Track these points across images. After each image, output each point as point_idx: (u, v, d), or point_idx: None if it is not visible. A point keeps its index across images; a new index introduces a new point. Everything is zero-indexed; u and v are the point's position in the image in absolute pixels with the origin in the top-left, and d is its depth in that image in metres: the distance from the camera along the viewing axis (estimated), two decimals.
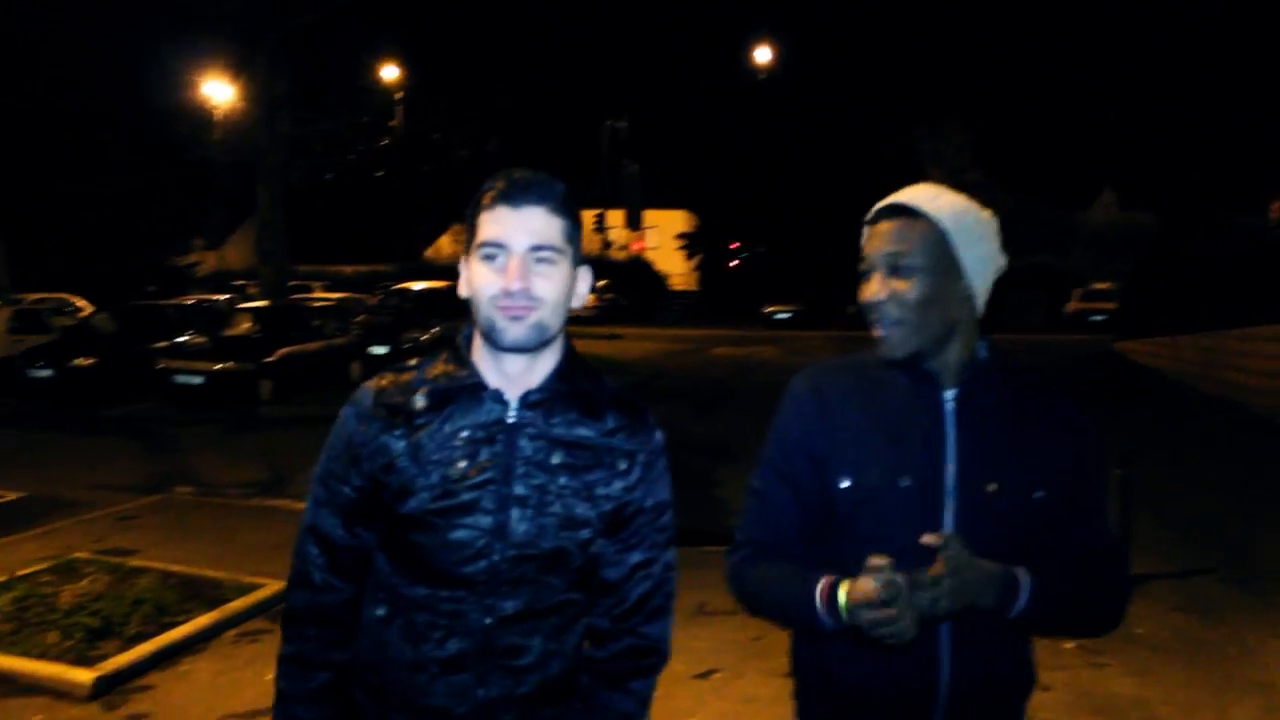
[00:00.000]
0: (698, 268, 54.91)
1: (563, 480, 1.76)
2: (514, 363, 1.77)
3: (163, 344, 16.86)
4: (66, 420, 14.27)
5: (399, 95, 28.83)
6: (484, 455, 1.74)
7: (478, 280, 1.73)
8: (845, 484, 1.80)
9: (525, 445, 1.76)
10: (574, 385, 1.82)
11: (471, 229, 1.76)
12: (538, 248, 1.71)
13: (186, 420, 14.04)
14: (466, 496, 1.72)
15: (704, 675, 5.19)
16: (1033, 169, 56.93)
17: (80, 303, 23.45)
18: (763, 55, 45.58)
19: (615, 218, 49.38)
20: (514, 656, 1.77)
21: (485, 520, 1.73)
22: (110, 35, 20.93)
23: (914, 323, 1.77)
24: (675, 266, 55.85)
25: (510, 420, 1.76)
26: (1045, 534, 1.81)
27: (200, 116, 25.15)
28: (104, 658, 5.18)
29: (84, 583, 6.19)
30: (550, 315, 1.74)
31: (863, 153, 48.93)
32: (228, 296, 26.33)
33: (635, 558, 1.85)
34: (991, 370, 1.85)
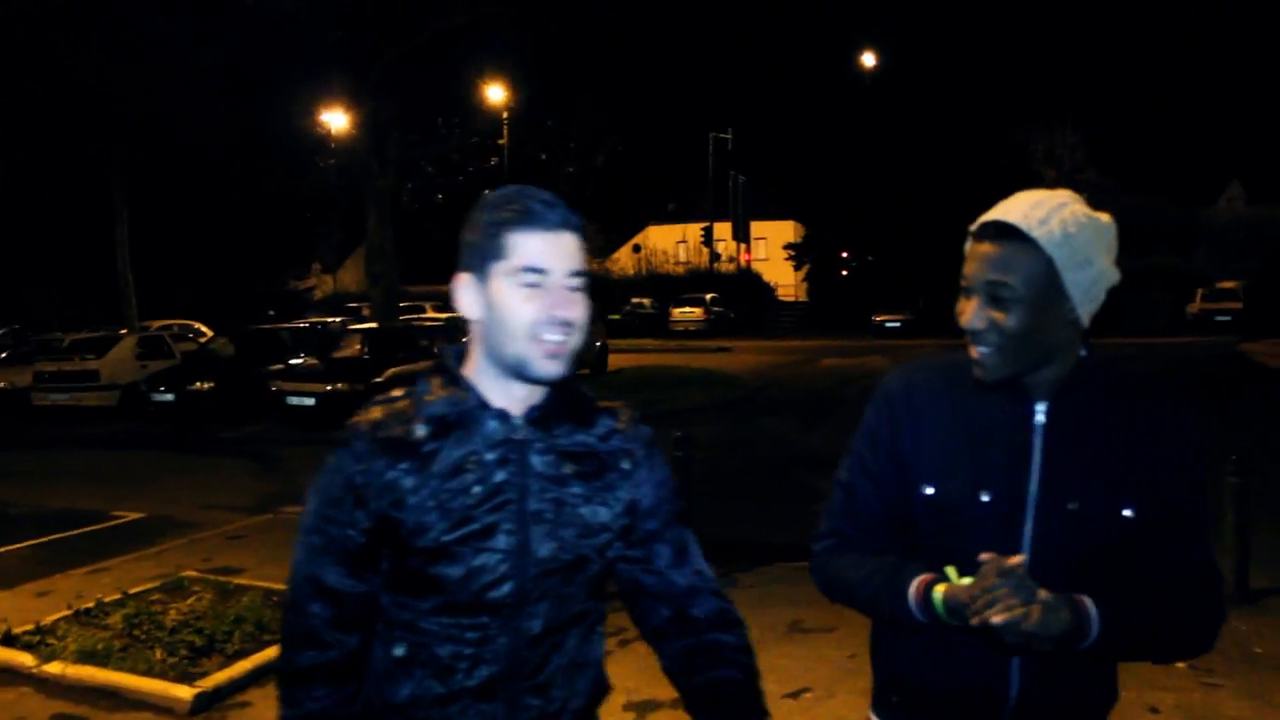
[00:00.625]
0: (806, 278, 54.51)
1: (576, 489, 1.76)
2: (527, 387, 1.76)
3: (278, 366, 17.37)
4: (186, 442, 14.80)
5: (505, 115, 29.23)
6: (498, 477, 1.71)
7: (513, 307, 1.69)
8: (928, 491, 1.79)
9: (536, 461, 1.74)
10: (567, 396, 1.81)
11: (492, 248, 1.71)
12: (574, 273, 1.71)
13: (298, 441, 14.42)
14: (486, 520, 1.70)
15: (794, 695, 5.10)
16: (1152, 165, 55.15)
17: (202, 328, 24.31)
18: (868, 60, 45.13)
19: (723, 230, 49.34)
20: (541, 675, 1.76)
21: (507, 541, 1.71)
22: (225, 66, 21.61)
23: (1013, 351, 1.72)
24: (783, 277, 55.55)
25: (518, 438, 1.74)
26: (1133, 553, 1.74)
27: (315, 143, 25.87)
28: (205, 674, 5.33)
29: (190, 600, 6.38)
30: (580, 343, 1.74)
31: (973, 156, 48.01)
32: (341, 319, 27.01)
33: (670, 535, 1.88)
34: (1089, 379, 1.78)
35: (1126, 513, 1.71)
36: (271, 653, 5.59)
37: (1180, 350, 27.36)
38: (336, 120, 25.35)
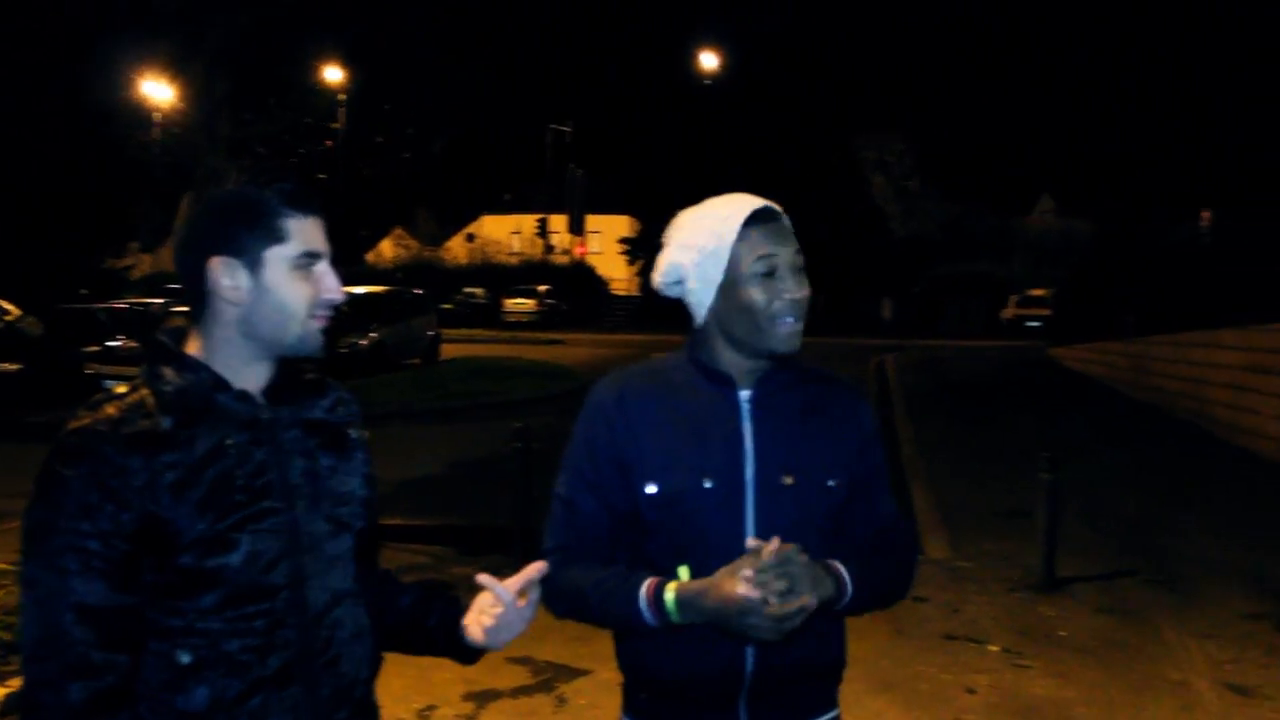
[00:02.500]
0: (640, 273, 54.96)
1: (325, 461, 1.78)
2: (262, 365, 1.75)
3: (93, 348, 16.58)
4: None
5: (342, 97, 28.60)
6: (257, 456, 1.69)
7: (292, 291, 1.71)
8: (652, 489, 1.87)
9: (285, 436, 1.74)
10: (293, 371, 1.81)
11: (264, 233, 1.69)
12: (330, 255, 1.77)
13: None
14: (255, 505, 1.67)
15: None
16: (972, 176, 57.59)
17: (7, 306, 22.98)
18: (708, 61, 45.78)
19: (558, 222, 49.30)
20: (330, 650, 1.76)
21: (277, 520, 1.69)
22: (43, 31, 20.49)
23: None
24: (617, 271, 55.86)
25: (265, 417, 1.73)
26: (840, 517, 1.95)
27: (137, 116, 24.79)
28: (17, 674, 5.08)
29: (0, 595, 6.06)
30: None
31: (807, 159, 49.27)
32: (163, 300, 25.94)
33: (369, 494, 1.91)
34: (782, 369, 1.94)
35: (831, 483, 1.91)
36: None
37: (994, 353, 28.73)
38: (161, 93, 24.36)
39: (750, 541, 1.75)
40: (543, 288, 44.83)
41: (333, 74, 28.34)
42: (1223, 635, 5.95)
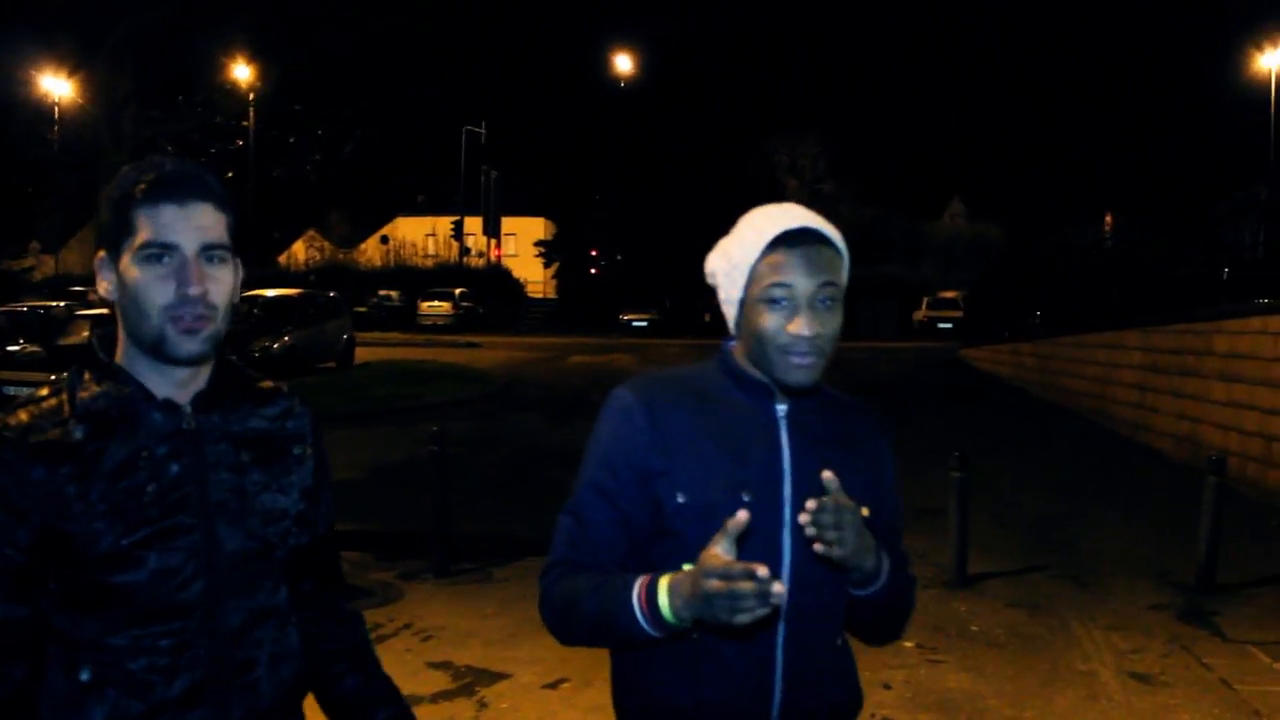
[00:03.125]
0: (556, 275, 54.87)
1: (256, 476, 1.70)
2: (182, 370, 1.66)
3: None
4: None
5: (252, 96, 28.09)
6: (173, 470, 1.61)
7: (142, 286, 1.59)
8: (682, 499, 1.74)
9: (211, 450, 1.66)
10: (232, 378, 1.74)
11: (122, 225, 1.60)
12: (209, 247, 1.61)
13: None
14: (166, 520, 1.59)
15: (554, 685, 5.17)
16: (884, 180, 58.56)
17: None
18: (622, 64, 45.93)
19: (473, 224, 49.00)
20: (248, 671, 1.68)
21: (190, 539, 1.61)
22: None
23: (829, 355, 1.76)
24: (533, 274, 55.67)
25: (188, 428, 1.65)
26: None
27: (37, 112, 24.11)
28: None
29: None
30: (223, 322, 1.65)
31: (721, 162, 49.62)
32: (65, 303, 25.25)
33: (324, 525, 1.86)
34: (816, 388, 1.83)
35: (864, 512, 1.74)
36: None
37: (907, 354, 29.18)
38: (62, 89, 23.73)
39: (739, 516, 1.58)
40: (458, 290, 44.51)
41: (243, 73, 27.79)
42: (1127, 626, 6.13)
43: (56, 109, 24.73)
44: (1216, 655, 5.68)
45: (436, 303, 43.39)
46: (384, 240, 56.82)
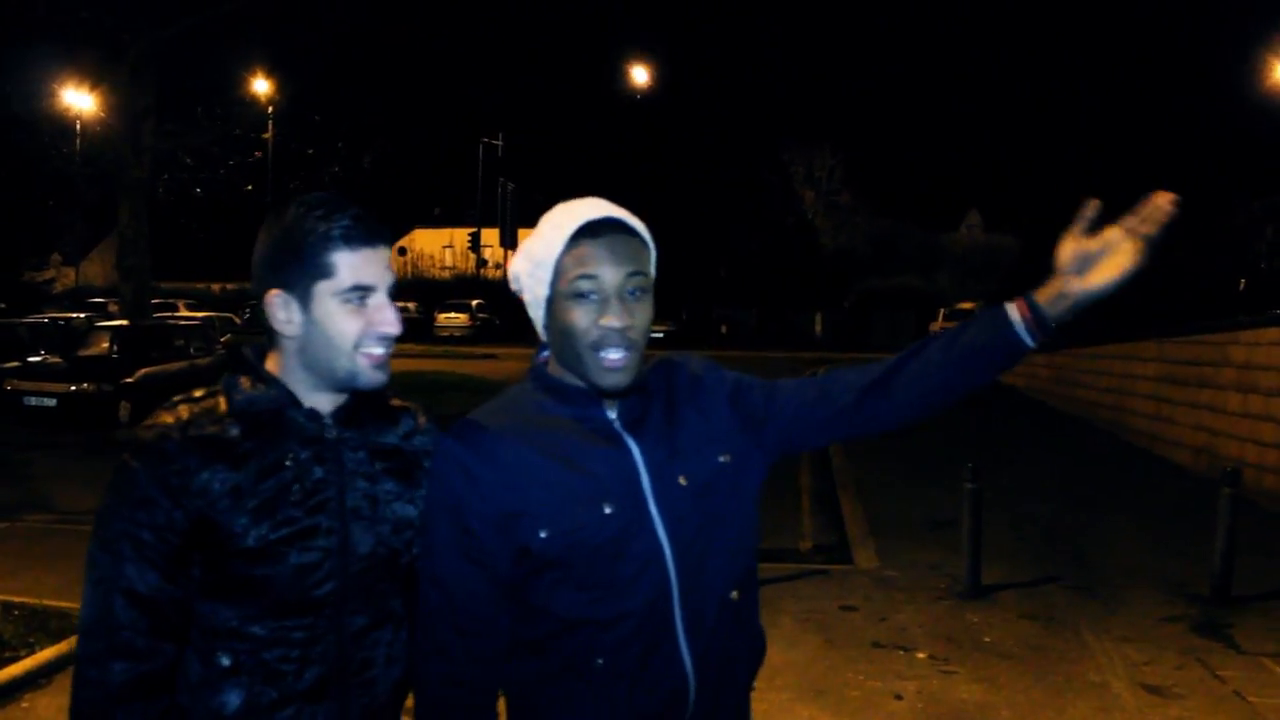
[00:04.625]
0: None
1: (388, 486, 1.81)
2: (333, 393, 1.80)
3: (13, 364, 16.22)
4: None
5: (270, 109, 28.25)
6: (316, 474, 1.73)
7: (340, 326, 1.72)
8: (545, 534, 1.66)
9: (350, 458, 1.78)
10: (370, 395, 1.84)
11: (317, 267, 1.71)
12: (394, 286, 1.79)
13: (38, 444, 13.51)
14: (307, 520, 1.71)
15: None
16: (902, 191, 58.48)
17: None
18: (639, 75, 45.97)
19: (490, 236, 49.14)
20: (367, 670, 1.79)
21: (329, 539, 1.73)
22: None
23: (643, 346, 1.73)
24: None
25: (331, 436, 1.77)
26: (737, 483, 1.81)
27: (59, 126, 24.29)
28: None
29: None
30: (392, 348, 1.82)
31: (738, 174, 49.67)
32: (85, 315, 25.45)
33: None
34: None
35: (721, 459, 1.77)
36: (15, 670, 5.26)
37: None
38: (83, 102, 23.90)
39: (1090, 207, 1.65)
40: (475, 302, 44.68)
41: (261, 85, 27.96)
42: (1140, 638, 6.12)
43: (78, 123, 24.92)
44: (1230, 667, 5.67)
45: (453, 314, 43.56)
46: (401, 252, 57.04)
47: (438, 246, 57.30)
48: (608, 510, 1.67)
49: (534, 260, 1.73)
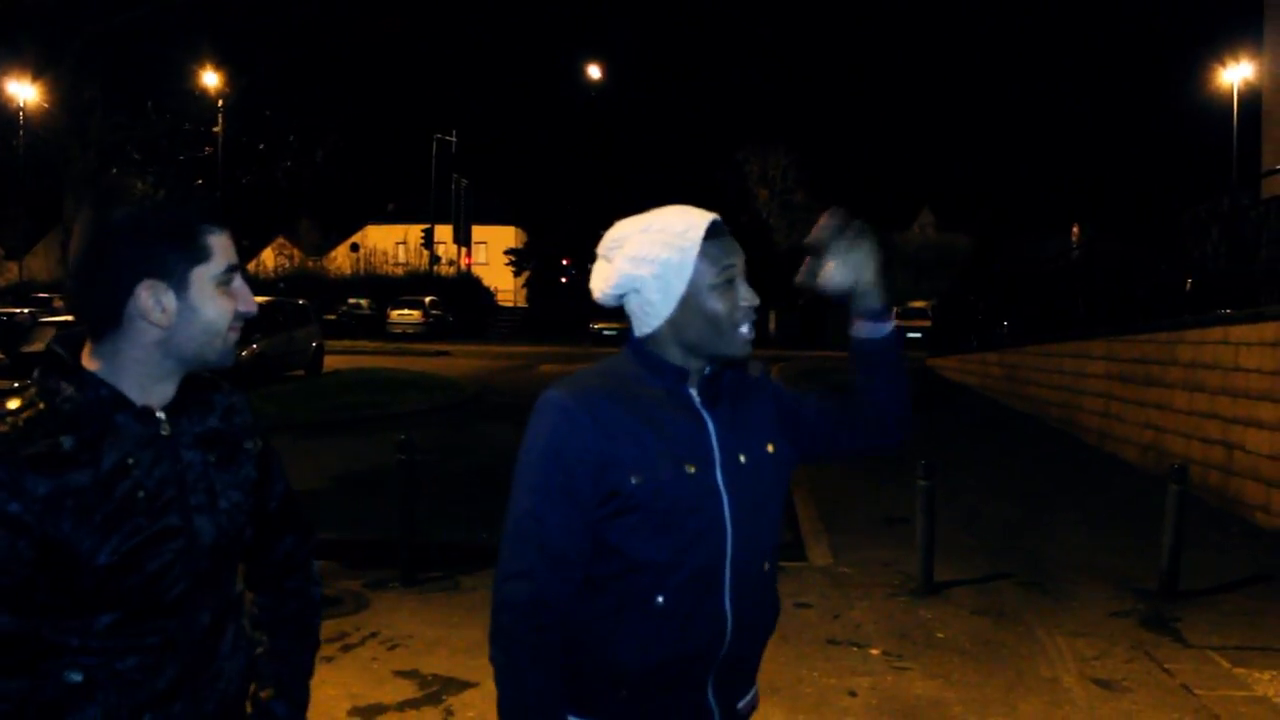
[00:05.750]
0: (526, 284, 54.86)
1: (220, 475, 1.77)
2: (175, 381, 1.73)
3: None
4: None
5: (221, 102, 27.91)
6: (157, 475, 1.66)
7: (217, 308, 1.70)
8: (635, 480, 1.89)
9: (185, 453, 1.72)
10: (190, 381, 1.79)
11: (194, 250, 1.66)
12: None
13: None
14: (155, 524, 1.64)
15: None
16: (855, 190, 58.89)
17: None
18: (593, 73, 45.95)
19: (443, 232, 48.92)
20: (214, 663, 1.77)
21: (177, 541, 1.67)
22: None
23: None
24: (503, 282, 55.64)
25: (165, 433, 1.70)
26: (788, 470, 2.13)
27: (2, 119, 23.87)
28: None
29: None
30: None
31: (692, 172, 49.73)
32: (29, 310, 25.01)
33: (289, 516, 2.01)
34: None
35: (769, 447, 2.06)
36: None
37: None
38: (27, 93, 23.51)
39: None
40: (429, 299, 44.46)
41: (212, 79, 27.63)
42: (1090, 633, 6.19)
43: (21, 114, 24.50)
44: (1178, 661, 5.75)
45: (406, 311, 43.31)
46: (354, 248, 56.67)
47: (391, 243, 56.93)
48: (690, 470, 1.92)
49: (665, 265, 1.94)
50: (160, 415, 1.70)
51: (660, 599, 1.89)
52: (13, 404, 1.62)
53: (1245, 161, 33.78)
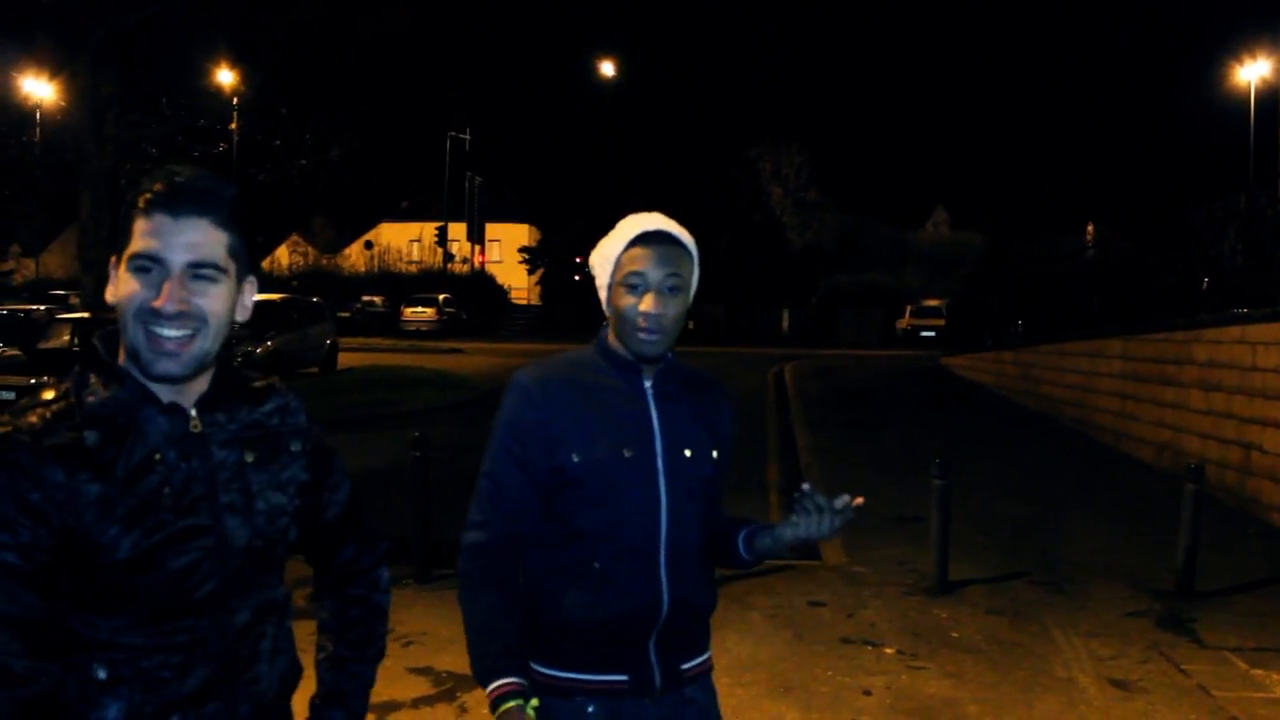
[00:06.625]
0: (539, 281, 54.90)
1: (258, 476, 1.74)
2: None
3: None
4: None
5: (236, 100, 27.97)
6: (184, 473, 1.64)
7: (125, 296, 1.61)
8: (577, 458, 2.13)
9: (218, 452, 1.69)
10: (230, 377, 1.76)
11: (123, 232, 1.63)
12: (197, 265, 1.62)
13: None
14: (181, 522, 1.62)
15: None
16: (868, 188, 58.76)
17: None
18: (607, 71, 45.91)
19: (457, 230, 48.96)
20: (252, 666, 1.73)
21: (206, 539, 1.65)
22: None
23: (673, 332, 2.19)
24: (517, 280, 55.67)
25: (196, 431, 1.68)
26: (713, 486, 2.32)
27: (18, 114, 23.95)
28: None
29: None
30: (214, 340, 1.67)
31: (706, 170, 49.72)
32: (46, 307, 25.13)
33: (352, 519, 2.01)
34: (673, 365, 2.28)
35: (714, 455, 2.28)
36: None
37: (890, 362, 29.27)
38: (43, 91, 23.58)
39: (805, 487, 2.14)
40: (442, 296, 44.52)
41: (227, 76, 27.69)
42: (1106, 633, 6.16)
43: (38, 112, 24.59)
44: (1195, 662, 5.72)
45: (420, 308, 43.38)
46: (368, 245, 56.81)
47: (405, 240, 57.07)
48: (627, 454, 2.15)
49: (602, 255, 2.23)
50: (191, 412, 1.68)
51: (597, 565, 2.13)
52: (48, 395, 1.63)
53: (1262, 160, 33.61)
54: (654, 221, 2.22)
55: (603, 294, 2.25)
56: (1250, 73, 35.69)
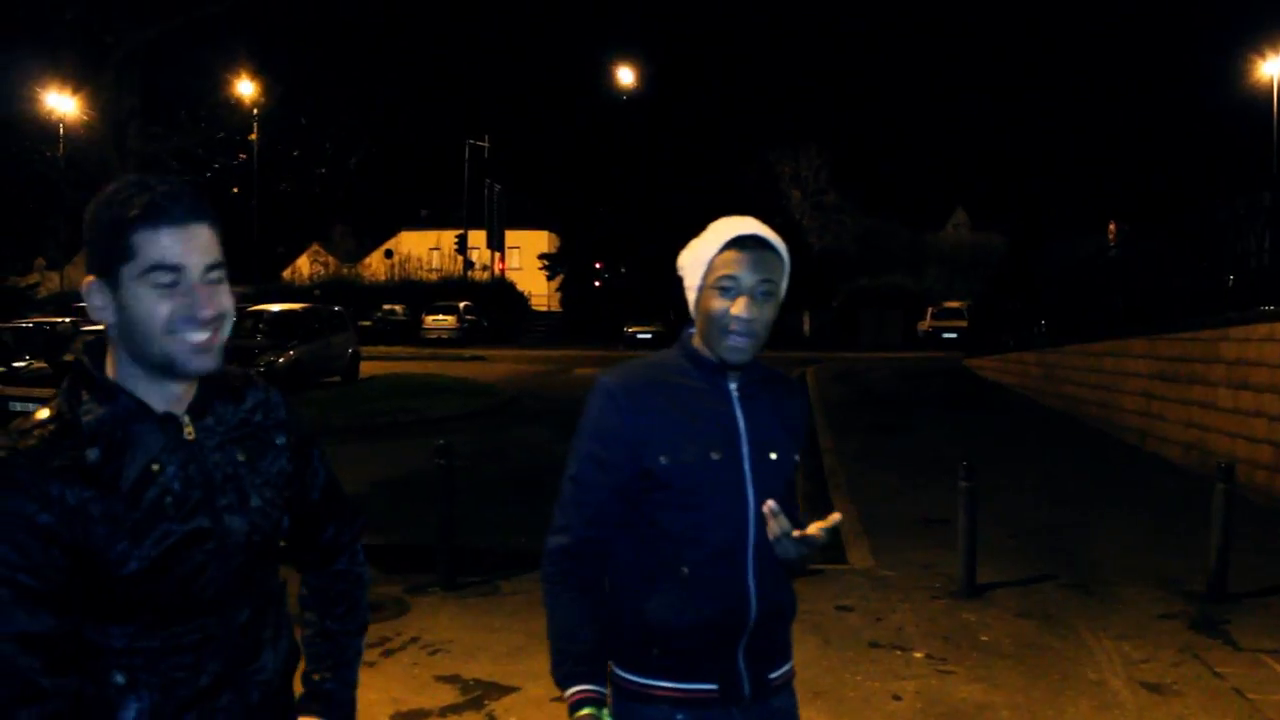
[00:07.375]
0: (560, 288, 54.95)
1: (250, 475, 1.79)
2: (181, 384, 1.72)
3: None
4: None
5: (255, 111, 28.11)
6: (184, 481, 1.69)
7: (148, 310, 1.62)
8: (664, 460, 2.13)
9: (212, 455, 1.74)
10: (215, 378, 1.78)
11: (117, 249, 1.62)
12: (211, 267, 1.67)
13: None
14: (186, 528, 1.67)
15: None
16: (888, 190, 58.60)
17: None
18: (625, 77, 45.98)
19: (477, 238, 49.08)
20: (258, 655, 1.79)
21: (209, 543, 1.70)
22: None
23: (763, 337, 2.17)
24: (537, 287, 55.77)
25: (189, 438, 1.72)
26: (792, 486, 2.32)
27: (42, 129, 24.15)
28: None
29: None
30: (228, 333, 1.72)
31: (724, 174, 49.66)
32: (70, 319, 25.28)
33: (326, 505, 2.03)
34: (753, 364, 2.25)
35: (795, 458, 2.29)
36: None
37: (912, 365, 29.14)
38: (66, 105, 23.78)
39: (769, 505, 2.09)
40: (463, 304, 44.62)
41: (247, 88, 27.85)
42: (1137, 636, 6.09)
43: (61, 126, 24.80)
44: (1229, 664, 5.65)
45: (441, 316, 43.50)
46: (388, 254, 56.97)
47: (424, 248, 57.25)
48: (714, 456, 2.15)
49: (695, 256, 2.21)
50: (184, 419, 1.72)
51: (685, 569, 2.13)
52: (42, 415, 1.66)
53: None
54: (749, 225, 2.19)
55: (691, 295, 2.24)
56: (1273, 68, 35.43)
